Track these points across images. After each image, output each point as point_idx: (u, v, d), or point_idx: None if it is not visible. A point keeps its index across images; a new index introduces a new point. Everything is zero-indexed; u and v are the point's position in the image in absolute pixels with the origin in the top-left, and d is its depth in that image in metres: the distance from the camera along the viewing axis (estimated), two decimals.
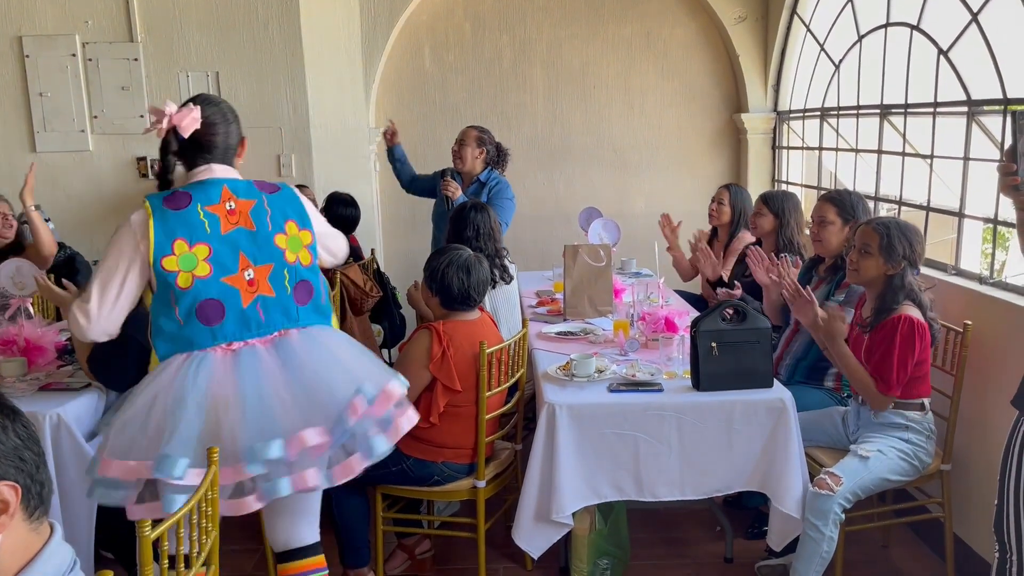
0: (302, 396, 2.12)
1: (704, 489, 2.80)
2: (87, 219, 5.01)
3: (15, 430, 1.13)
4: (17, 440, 1.13)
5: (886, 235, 2.75)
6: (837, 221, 3.23)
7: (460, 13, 5.48)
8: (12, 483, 1.11)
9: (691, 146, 5.62)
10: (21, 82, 4.91)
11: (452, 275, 2.80)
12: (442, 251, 2.88)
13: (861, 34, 4.20)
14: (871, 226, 2.82)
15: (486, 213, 3.60)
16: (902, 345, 2.65)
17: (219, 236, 2.14)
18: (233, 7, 4.84)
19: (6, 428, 1.12)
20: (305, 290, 2.27)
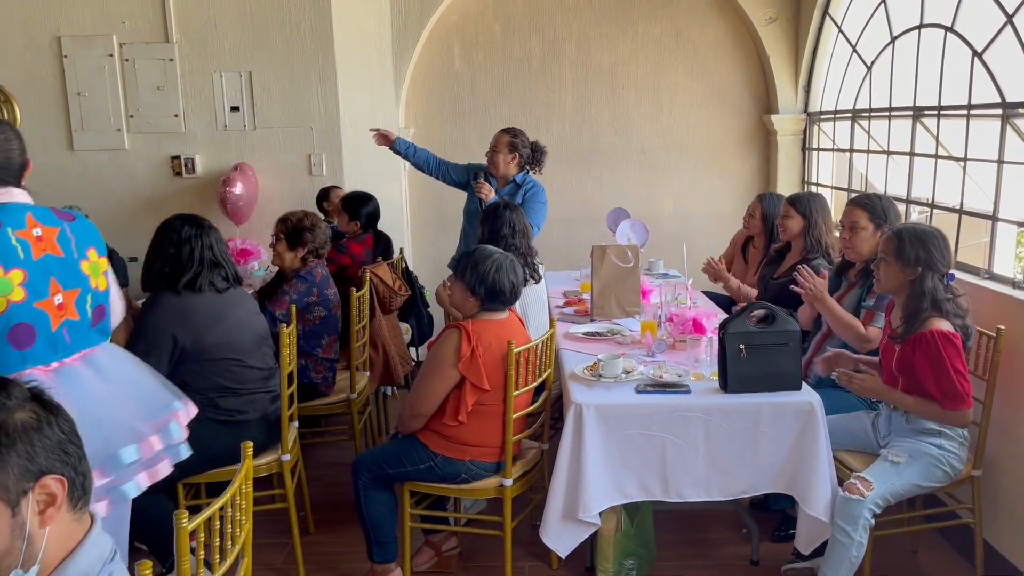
0: (132, 404, 2.28)
1: (731, 490, 2.81)
2: (123, 216, 5.10)
3: (58, 424, 1.17)
4: (61, 434, 1.17)
5: (898, 240, 2.74)
6: (869, 227, 3.20)
7: (490, 14, 5.51)
8: (59, 476, 1.15)
9: (720, 147, 5.60)
10: (60, 82, 5.01)
11: (504, 276, 2.82)
12: (480, 252, 2.88)
13: (894, 35, 4.16)
14: (887, 233, 2.82)
15: (519, 212, 3.63)
16: (951, 358, 2.63)
17: (32, 262, 2.17)
18: (266, 8, 4.90)
19: (51, 423, 1.17)
20: (99, 313, 2.36)
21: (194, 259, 2.91)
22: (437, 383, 2.79)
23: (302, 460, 3.45)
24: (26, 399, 1.18)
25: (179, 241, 2.92)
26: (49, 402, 1.20)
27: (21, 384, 1.20)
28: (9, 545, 1.12)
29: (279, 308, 3.50)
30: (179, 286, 2.88)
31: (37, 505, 1.15)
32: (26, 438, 1.14)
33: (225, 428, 2.95)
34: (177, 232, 2.95)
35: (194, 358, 2.87)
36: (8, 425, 1.14)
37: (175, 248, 2.92)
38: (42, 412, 1.18)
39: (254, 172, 5.03)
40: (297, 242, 3.69)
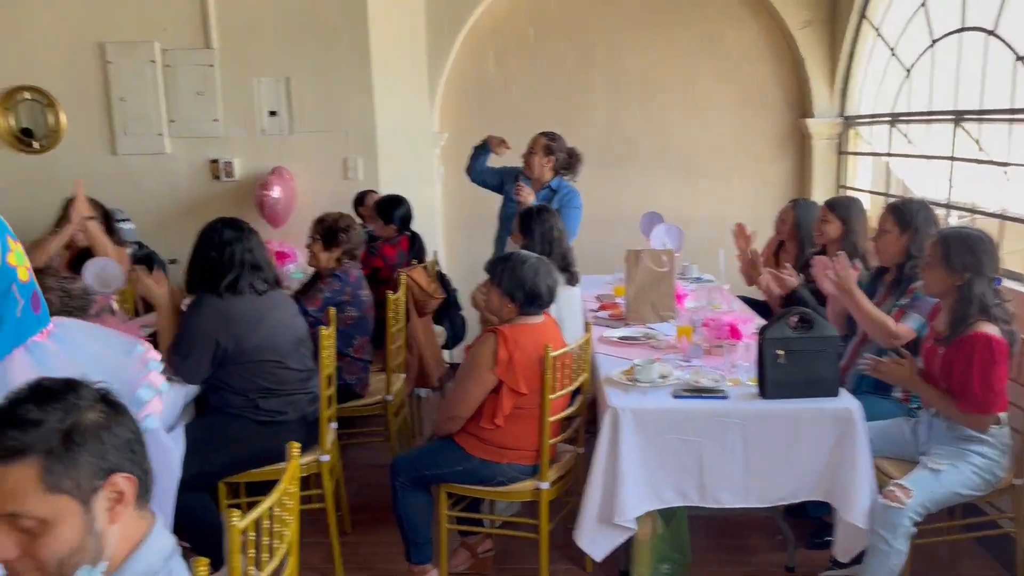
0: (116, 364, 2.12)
1: (768, 497, 2.80)
2: (164, 219, 5.20)
3: (125, 424, 1.21)
4: (129, 433, 1.21)
5: (944, 245, 2.72)
6: (894, 230, 3.19)
7: (523, 19, 5.53)
8: (128, 475, 1.19)
9: (754, 151, 5.57)
10: (103, 87, 5.11)
11: (541, 280, 2.84)
12: (516, 257, 2.90)
13: (934, 38, 4.12)
14: (934, 237, 2.80)
15: (555, 216, 3.65)
16: (982, 363, 2.60)
17: None
18: (304, 15, 4.97)
19: (119, 422, 1.21)
20: (37, 299, 2.17)
21: (234, 262, 2.96)
22: (474, 387, 2.82)
23: (339, 461, 3.49)
24: (95, 399, 1.23)
25: (220, 244, 2.98)
26: (116, 402, 1.24)
27: (90, 385, 1.24)
28: (81, 541, 1.16)
29: (313, 304, 3.55)
30: (220, 289, 2.93)
31: (107, 502, 1.19)
32: (97, 437, 1.18)
33: (265, 428, 3.00)
34: (218, 235, 3.01)
35: (235, 360, 2.93)
36: (80, 425, 1.18)
37: (216, 251, 2.97)
38: (111, 412, 1.22)
39: (291, 176, 5.10)
40: (332, 242, 3.74)
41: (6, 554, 1.14)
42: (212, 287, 2.93)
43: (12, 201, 5.01)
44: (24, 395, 1.20)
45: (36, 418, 1.16)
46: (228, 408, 2.99)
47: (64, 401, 1.19)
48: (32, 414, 1.16)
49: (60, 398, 1.20)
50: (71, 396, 1.20)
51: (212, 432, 2.94)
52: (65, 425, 1.17)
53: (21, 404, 1.18)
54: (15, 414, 1.16)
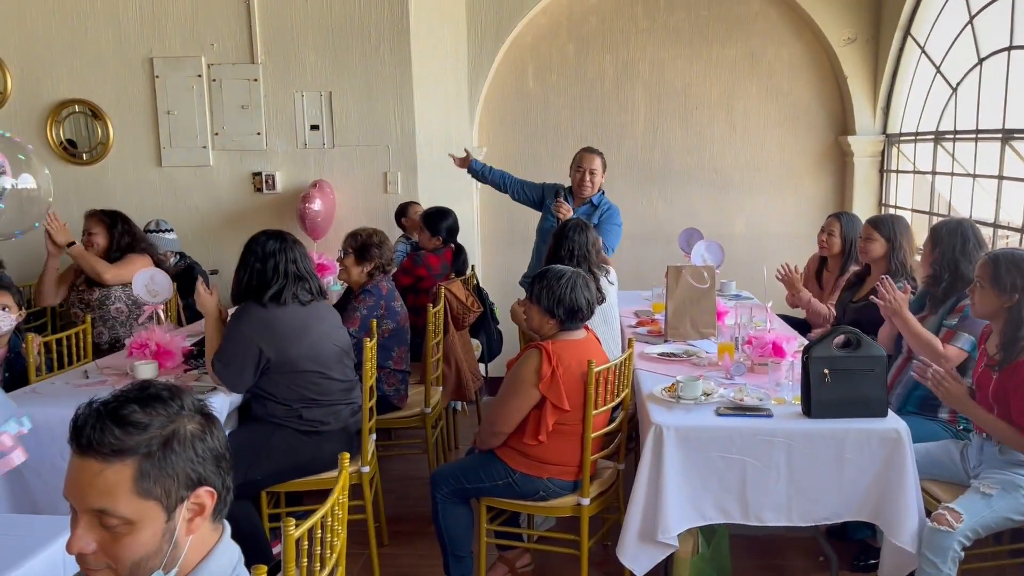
0: None
1: (812, 516, 2.76)
2: (206, 230, 5.29)
3: (219, 437, 1.23)
4: (220, 448, 1.23)
5: (994, 266, 2.69)
6: (928, 246, 3.27)
7: (564, 35, 5.57)
8: (211, 488, 1.20)
9: (794, 168, 5.54)
10: (151, 100, 5.23)
11: (579, 293, 2.84)
12: (552, 273, 2.90)
13: (981, 56, 4.07)
14: (984, 258, 2.78)
15: (587, 233, 3.63)
16: None
17: None
18: (347, 30, 5.05)
19: (213, 434, 1.22)
20: None
21: (279, 272, 3.00)
22: (518, 402, 2.82)
23: (378, 472, 3.51)
24: (196, 409, 1.24)
25: (264, 256, 3.01)
26: (211, 415, 1.26)
27: (192, 394, 1.26)
28: (157, 548, 1.18)
29: (352, 325, 3.56)
30: (265, 299, 2.96)
31: (188, 512, 1.21)
32: (193, 447, 1.20)
33: (307, 438, 3.02)
34: (262, 247, 3.04)
35: (279, 369, 2.96)
36: (180, 434, 1.20)
37: (261, 262, 3.01)
38: (207, 424, 1.23)
39: (332, 189, 5.16)
40: (364, 257, 3.76)
41: (85, 547, 1.16)
42: (257, 297, 2.97)
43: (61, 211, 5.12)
44: (131, 396, 1.21)
45: (141, 421, 1.18)
46: (271, 418, 3.02)
47: (168, 407, 1.21)
48: (136, 416, 1.18)
49: (165, 404, 1.21)
50: (175, 403, 1.22)
51: (255, 441, 2.97)
52: (166, 432, 1.19)
53: (127, 404, 1.19)
54: (120, 415, 1.17)
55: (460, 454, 4.59)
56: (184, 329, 4.12)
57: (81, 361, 3.63)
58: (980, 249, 3.21)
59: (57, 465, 2.76)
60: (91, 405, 1.20)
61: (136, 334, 3.37)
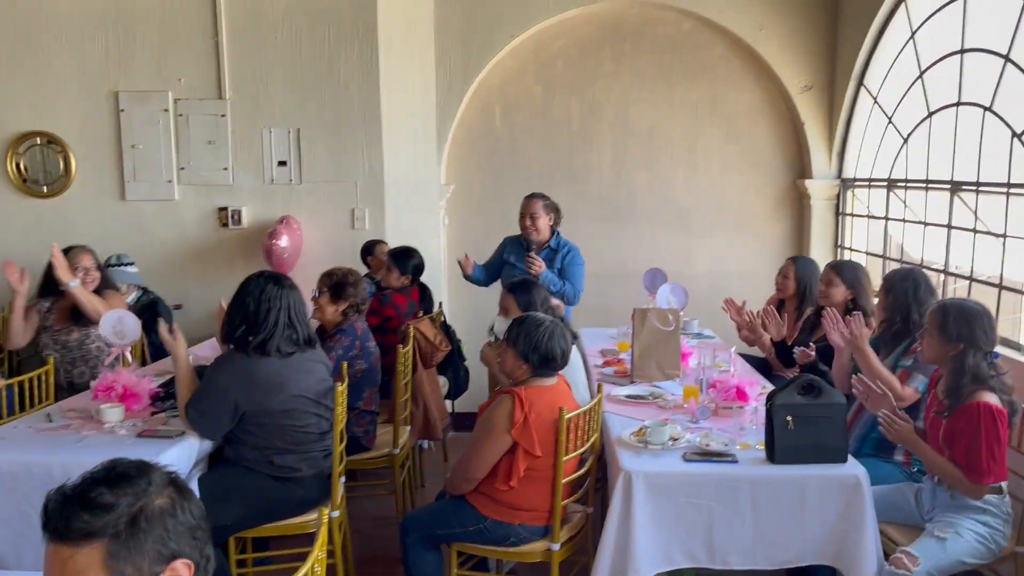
0: None
1: (776, 560, 2.83)
2: (170, 265, 5.24)
3: (191, 509, 1.24)
4: (192, 519, 1.24)
5: (942, 316, 2.82)
6: (881, 295, 3.43)
7: (531, 76, 5.67)
8: (188, 560, 1.22)
9: (754, 209, 5.70)
10: (115, 134, 5.20)
11: (555, 342, 2.90)
12: (531, 320, 2.96)
13: (931, 110, 4.26)
14: (933, 307, 2.91)
15: (539, 289, 3.74)
16: (988, 434, 2.67)
17: None
18: (316, 68, 5.08)
19: (184, 508, 1.24)
20: None
21: (269, 321, 2.95)
22: (490, 448, 2.85)
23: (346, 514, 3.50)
24: (165, 483, 1.25)
25: (259, 300, 2.97)
26: (184, 487, 1.28)
27: (161, 468, 1.28)
28: None
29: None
30: (249, 348, 2.93)
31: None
32: (163, 523, 1.21)
33: (279, 484, 3.01)
34: (260, 290, 3.00)
35: (253, 420, 2.94)
36: (148, 510, 1.21)
37: (255, 306, 2.96)
38: (178, 497, 1.25)
39: (299, 225, 5.16)
40: (340, 296, 3.77)
41: None
42: (243, 344, 2.94)
43: (19, 244, 5.06)
44: (99, 477, 1.22)
45: (108, 502, 1.19)
46: (242, 461, 3.01)
47: (136, 485, 1.22)
48: (104, 498, 1.19)
49: (132, 482, 1.22)
50: (143, 480, 1.23)
51: (226, 486, 2.95)
52: (133, 510, 1.20)
53: (95, 487, 1.20)
54: (88, 497, 1.19)
55: (427, 492, 4.60)
56: (149, 368, 4.08)
57: (44, 403, 3.58)
58: (931, 295, 3.35)
59: (23, 511, 2.72)
60: (59, 490, 1.21)
61: (102, 376, 3.33)
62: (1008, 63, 3.49)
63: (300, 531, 3.13)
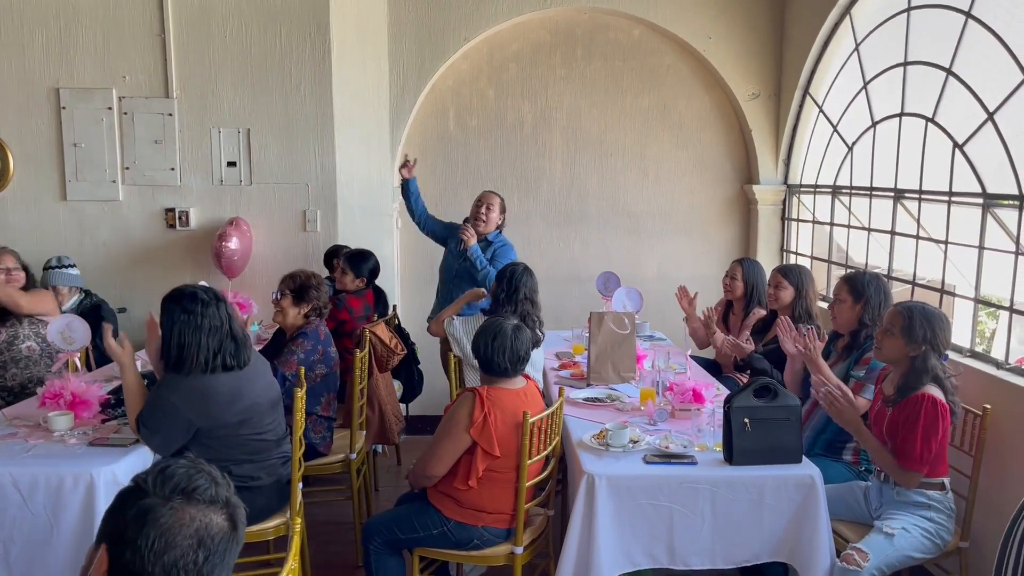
0: None
1: (734, 559, 2.89)
2: (114, 267, 5.10)
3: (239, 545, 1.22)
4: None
5: (908, 318, 2.90)
6: (848, 299, 3.40)
7: (484, 80, 5.68)
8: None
9: (703, 214, 5.80)
10: (56, 132, 5.04)
11: (514, 345, 2.91)
12: (489, 327, 2.96)
13: (875, 120, 4.40)
14: (897, 308, 2.98)
15: (533, 279, 3.78)
16: (926, 423, 2.78)
17: None
18: (267, 68, 5.01)
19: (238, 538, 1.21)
20: None
21: (204, 343, 2.81)
22: (449, 446, 2.85)
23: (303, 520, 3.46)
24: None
25: (186, 322, 2.82)
26: (239, 520, 1.26)
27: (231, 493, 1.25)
28: None
29: (289, 369, 3.53)
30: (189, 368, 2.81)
31: None
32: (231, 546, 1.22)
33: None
34: (186, 314, 2.83)
35: (211, 435, 2.86)
36: (238, 530, 1.22)
37: (183, 331, 2.81)
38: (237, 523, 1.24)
39: (249, 227, 5.08)
40: (303, 298, 3.72)
41: None
42: (189, 367, 2.81)
43: None
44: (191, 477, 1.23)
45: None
46: None
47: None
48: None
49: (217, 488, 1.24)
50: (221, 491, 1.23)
51: None
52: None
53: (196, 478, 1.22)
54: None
55: (381, 497, 4.57)
56: (97, 373, 3.96)
57: None
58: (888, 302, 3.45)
59: None
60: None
61: (49, 382, 3.23)
62: (950, 76, 3.63)
63: (258, 539, 3.08)
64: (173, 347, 2.82)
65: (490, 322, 3.02)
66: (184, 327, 2.81)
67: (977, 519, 3.05)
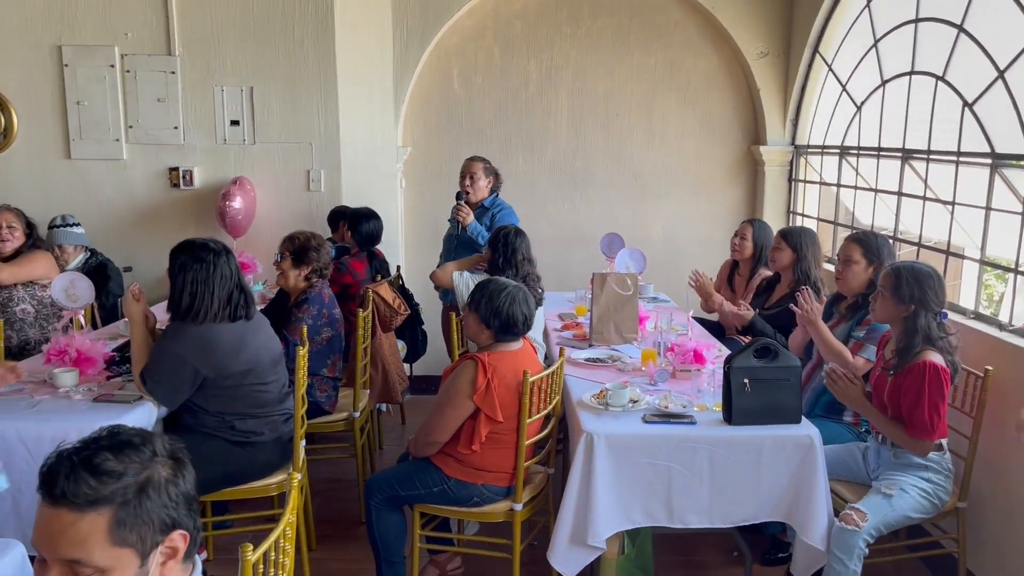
0: None
1: (732, 518, 2.92)
2: (119, 226, 5.11)
3: (188, 478, 1.23)
4: (189, 488, 1.23)
5: (896, 277, 2.89)
6: (862, 261, 3.37)
7: (489, 37, 5.61)
8: (184, 531, 1.21)
9: (709, 175, 5.75)
10: (59, 90, 5.02)
11: (517, 308, 2.90)
12: (494, 285, 2.96)
13: (885, 79, 4.33)
14: (886, 269, 2.98)
15: (526, 238, 3.76)
16: (932, 392, 2.78)
17: None
18: (270, 25, 4.96)
19: (183, 476, 1.23)
20: None
21: (214, 292, 2.88)
22: (452, 413, 2.87)
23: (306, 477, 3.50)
24: (166, 453, 1.24)
25: (196, 273, 2.88)
26: (181, 457, 1.26)
27: (162, 438, 1.25)
28: None
29: (296, 336, 3.52)
30: (202, 318, 2.86)
31: (161, 556, 1.21)
32: (167, 492, 1.20)
33: (240, 449, 3.00)
34: (195, 262, 2.90)
35: (217, 384, 2.91)
36: (156, 479, 1.20)
37: (193, 281, 2.87)
38: (177, 467, 1.24)
39: (253, 186, 5.07)
40: (302, 260, 3.71)
41: None
42: (194, 316, 2.86)
43: None
44: (102, 443, 1.20)
45: (115, 469, 1.17)
46: (202, 428, 2.98)
47: (141, 454, 1.20)
48: (111, 464, 1.17)
49: (138, 450, 1.20)
50: (147, 449, 1.21)
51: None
52: (141, 479, 1.18)
53: (99, 452, 1.18)
54: (94, 463, 1.16)
55: (385, 455, 4.62)
56: (102, 331, 4.00)
57: None
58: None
59: None
60: (60, 454, 1.19)
61: (54, 339, 3.25)
62: (961, 33, 3.56)
63: (261, 494, 3.13)
64: (185, 296, 2.88)
65: (492, 281, 3.01)
66: (196, 276, 2.87)
67: (976, 480, 3.06)
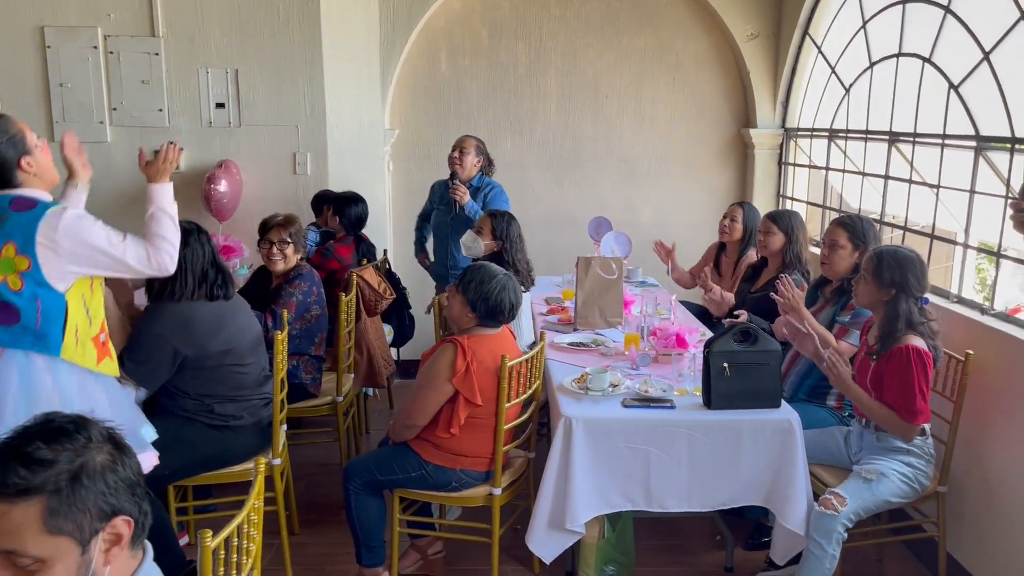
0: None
1: (711, 503, 2.92)
2: (103, 209, 4.99)
3: (130, 464, 1.22)
4: (132, 475, 1.21)
5: (877, 261, 2.88)
6: (848, 246, 3.35)
7: (477, 19, 5.55)
8: (127, 517, 1.19)
9: (698, 158, 5.72)
10: (42, 72, 4.96)
11: (505, 296, 2.89)
12: (485, 271, 2.93)
13: (873, 61, 4.29)
14: (869, 253, 2.96)
15: (516, 223, 3.77)
16: (918, 375, 2.77)
17: None
18: (255, 6, 4.90)
19: (124, 463, 1.21)
20: (7, 312, 2.31)
21: (193, 270, 2.89)
22: (431, 396, 2.86)
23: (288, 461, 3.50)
24: (104, 439, 1.22)
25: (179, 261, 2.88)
26: (121, 442, 1.24)
27: (99, 423, 1.24)
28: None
29: (291, 310, 3.56)
30: (179, 295, 2.87)
31: (104, 544, 1.19)
32: (104, 479, 1.18)
33: (218, 433, 2.99)
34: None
35: (196, 365, 2.90)
36: (89, 467, 1.17)
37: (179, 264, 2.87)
38: (117, 453, 1.22)
39: (238, 170, 5.03)
40: (301, 244, 3.81)
41: None
42: (172, 295, 2.88)
43: None
44: (34, 431, 1.18)
45: (46, 458, 1.15)
46: (180, 411, 2.97)
47: (75, 441, 1.18)
48: (42, 453, 1.15)
49: (71, 437, 1.18)
50: (82, 435, 1.19)
51: (164, 436, 2.89)
52: (74, 466, 1.16)
53: (31, 441, 1.16)
54: (24, 452, 1.14)
55: (371, 439, 4.61)
56: None
57: None
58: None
59: None
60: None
61: None
62: (948, 14, 3.53)
63: (242, 479, 3.11)
64: (160, 282, 2.86)
65: (484, 266, 2.98)
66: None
67: (956, 464, 3.06)
